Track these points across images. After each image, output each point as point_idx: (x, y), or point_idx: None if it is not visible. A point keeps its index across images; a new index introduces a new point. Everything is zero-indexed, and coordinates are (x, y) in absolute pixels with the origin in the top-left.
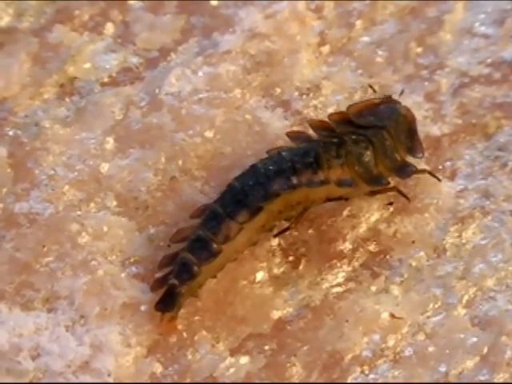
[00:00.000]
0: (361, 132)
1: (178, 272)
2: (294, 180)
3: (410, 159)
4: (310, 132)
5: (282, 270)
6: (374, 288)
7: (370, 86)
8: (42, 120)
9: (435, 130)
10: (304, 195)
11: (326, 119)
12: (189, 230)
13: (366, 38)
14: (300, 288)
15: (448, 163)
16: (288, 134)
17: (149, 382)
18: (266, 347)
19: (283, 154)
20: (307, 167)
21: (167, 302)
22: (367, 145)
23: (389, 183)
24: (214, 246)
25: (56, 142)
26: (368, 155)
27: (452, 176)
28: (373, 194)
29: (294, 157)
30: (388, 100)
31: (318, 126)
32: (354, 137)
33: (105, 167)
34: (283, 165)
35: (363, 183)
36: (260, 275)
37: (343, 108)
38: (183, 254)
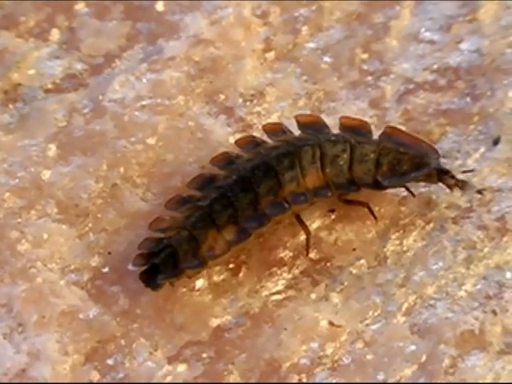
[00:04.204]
0: (350, 136)
1: (164, 261)
2: (282, 201)
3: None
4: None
5: (221, 277)
6: (313, 296)
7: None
8: None
9: None
10: (292, 211)
11: (317, 118)
12: (169, 221)
13: (311, 44)
14: (239, 296)
15: None
16: (264, 128)
17: None
18: (204, 355)
19: (265, 159)
20: (291, 179)
21: (149, 280)
22: (345, 147)
23: (358, 189)
24: (201, 255)
25: None
26: (344, 158)
27: None
28: (346, 202)
29: (276, 163)
30: (433, 149)
31: (305, 122)
32: (333, 138)
33: (46, 174)
34: (268, 174)
35: (333, 188)
36: (199, 282)
37: (287, 114)
38: (172, 242)
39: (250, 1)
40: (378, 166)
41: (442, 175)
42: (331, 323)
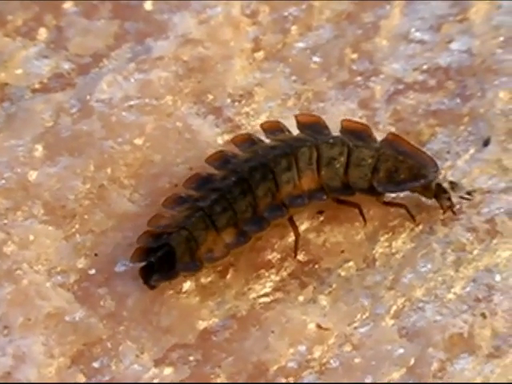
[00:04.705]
0: (349, 139)
1: (160, 261)
2: (280, 203)
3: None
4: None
5: (209, 279)
6: (301, 298)
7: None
8: None
9: None
10: (290, 213)
11: (319, 119)
12: (169, 219)
13: (300, 44)
14: (227, 298)
15: None
16: (262, 126)
17: None
18: (191, 358)
19: (263, 160)
20: (288, 181)
21: (145, 277)
22: (342, 150)
23: (352, 194)
24: (198, 257)
25: None
26: (340, 161)
27: None
28: (338, 201)
29: (273, 164)
30: (433, 162)
31: (305, 122)
32: (331, 140)
33: (33, 175)
34: (266, 176)
35: (327, 191)
36: (187, 285)
37: (276, 114)
38: (171, 241)
39: (239, 0)
40: (375, 172)
41: (440, 193)
42: (319, 326)
